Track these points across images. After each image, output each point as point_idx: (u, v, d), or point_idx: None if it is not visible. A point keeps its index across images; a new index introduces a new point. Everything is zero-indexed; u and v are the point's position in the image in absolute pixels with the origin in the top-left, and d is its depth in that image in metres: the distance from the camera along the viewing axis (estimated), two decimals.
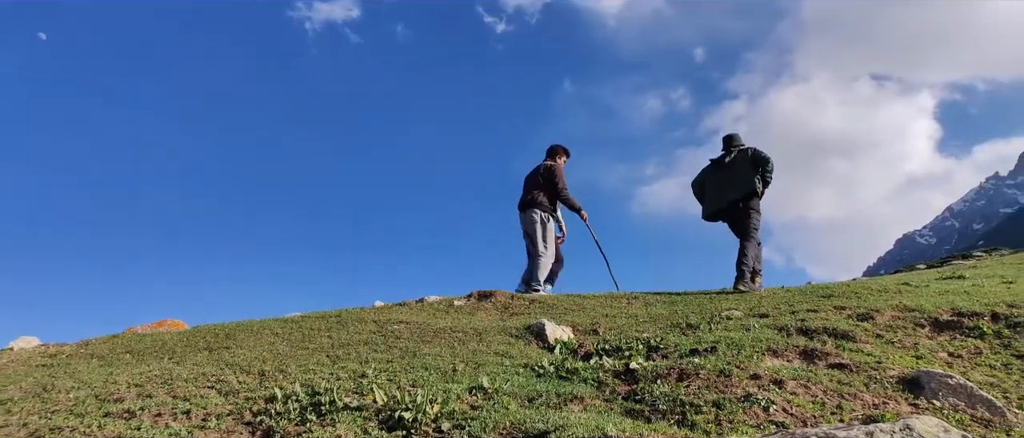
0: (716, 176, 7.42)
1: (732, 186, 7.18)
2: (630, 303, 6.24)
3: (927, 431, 1.25)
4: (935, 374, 3.00)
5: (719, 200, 7.28)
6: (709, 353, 3.66)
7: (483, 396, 3.01)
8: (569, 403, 2.86)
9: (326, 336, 5.03)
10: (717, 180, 7.38)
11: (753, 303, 5.52)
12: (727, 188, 7.19)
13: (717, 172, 7.43)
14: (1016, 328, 4.07)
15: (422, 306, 6.51)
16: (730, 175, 7.25)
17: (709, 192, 7.46)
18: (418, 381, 3.44)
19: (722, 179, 7.32)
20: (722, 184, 7.28)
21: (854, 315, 4.59)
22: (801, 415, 2.59)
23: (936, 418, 1.41)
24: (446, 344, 4.54)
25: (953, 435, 1.32)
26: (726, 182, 7.26)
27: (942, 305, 4.66)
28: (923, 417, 1.38)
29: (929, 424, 1.29)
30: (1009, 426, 2.63)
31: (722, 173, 7.33)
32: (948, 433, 1.31)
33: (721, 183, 7.31)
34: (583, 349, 4.32)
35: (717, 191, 7.31)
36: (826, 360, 3.51)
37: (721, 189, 7.26)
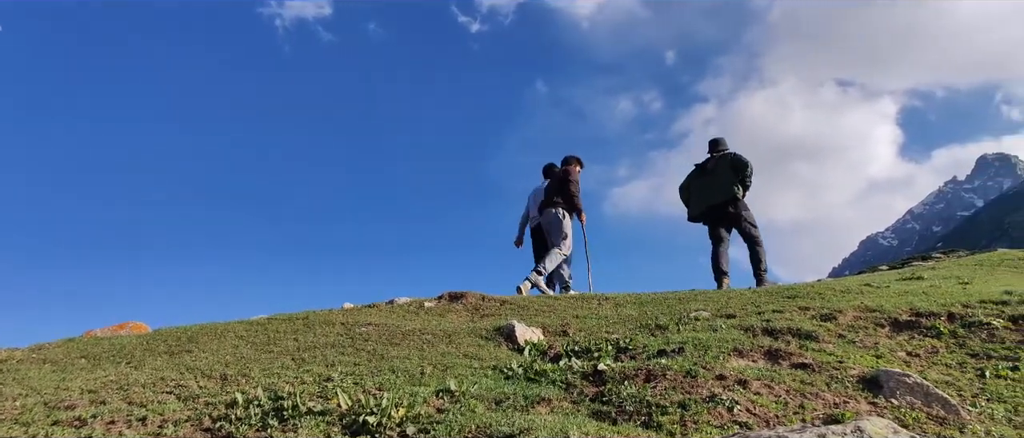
0: (700, 180, 7.86)
1: (714, 191, 7.62)
2: (600, 304, 6.27)
3: (876, 432, 1.27)
4: (894, 373, 3.07)
5: (701, 203, 7.74)
6: (676, 354, 3.69)
7: (450, 399, 2.98)
8: (536, 405, 2.85)
9: (292, 339, 4.94)
10: (700, 184, 7.83)
11: (721, 304, 5.59)
12: (709, 192, 7.65)
13: (701, 176, 7.87)
14: (971, 328, 4.20)
15: (392, 308, 6.44)
16: (712, 180, 7.70)
17: (693, 195, 7.90)
18: (385, 384, 3.39)
19: (705, 183, 7.76)
20: (705, 188, 7.73)
21: (818, 315, 4.68)
22: (764, 415, 2.62)
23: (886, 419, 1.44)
24: (415, 346, 4.49)
25: (902, 436, 1.35)
26: (708, 187, 7.70)
27: (901, 305, 4.78)
28: (873, 419, 1.41)
29: (879, 425, 1.32)
30: (962, 423, 2.71)
31: (705, 178, 7.79)
32: (897, 434, 1.34)
33: (704, 187, 7.75)
34: (553, 350, 4.31)
35: (700, 195, 7.76)
36: (790, 360, 3.56)
37: (704, 193, 7.71)
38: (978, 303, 4.65)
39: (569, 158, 8.54)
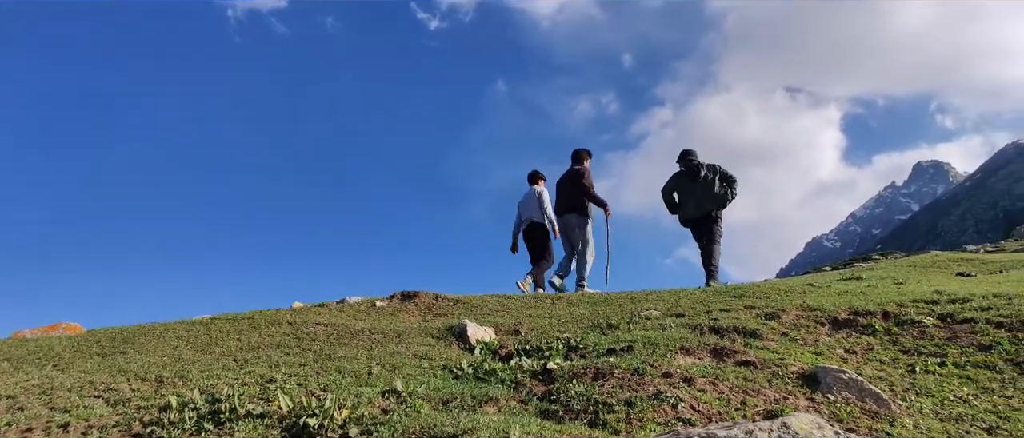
0: (691, 187, 8.38)
1: (708, 199, 8.26)
2: (554, 304, 6.29)
3: (801, 429, 1.30)
4: (831, 370, 3.18)
5: (697, 209, 8.33)
6: (625, 352, 3.73)
7: (396, 400, 2.92)
8: (484, 405, 2.82)
9: (235, 339, 4.77)
10: (694, 191, 8.37)
11: (671, 303, 5.69)
12: (705, 200, 8.28)
13: (692, 183, 8.38)
14: (903, 325, 4.39)
15: (342, 307, 6.31)
16: (706, 189, 8.28)
17: (686, 201, 8.45)
18: (330, 385, 3.30)
19: (699, 191, 8.32)
20: (700, 196, 8.32)
21: (762, 314, 4.81)
22: (707, 412, 2.66)
23: (811, 415, 1.48)
24: (364, 346, 4.40)
25: (826, 432, 1.38)
26: (704, 195, 8.29)
27: (841, 305, 4.96)
28: (800, 415, 1.44)
29: (805, 421, 1.35)
30: (893, 417, 2.82)
31: (698, 185, 8.32)
32: (821, 429, 1.38)
33: (698, 195, 8.33)
34: (504, 350, 4.29)
35: (696, 202, 8.34)
36: (734, 357, 3.64)
37: (700, 200, 8.32)
38: (911, 302, 4.87)
39: (579, 153, 8.65)
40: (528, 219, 8.39)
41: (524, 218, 8.50)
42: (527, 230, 8.42)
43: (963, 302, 4.71)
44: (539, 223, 8.29)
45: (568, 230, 8.28)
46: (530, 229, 8.38)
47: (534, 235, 8.34)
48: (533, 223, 8.35)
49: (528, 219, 8.39)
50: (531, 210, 8.38)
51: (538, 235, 8.31)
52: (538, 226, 8.30)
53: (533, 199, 8.40)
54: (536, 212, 8.32)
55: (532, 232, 8.36)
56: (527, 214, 8.45)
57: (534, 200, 8.38)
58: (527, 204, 8.51)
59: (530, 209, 8.40)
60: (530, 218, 8.38)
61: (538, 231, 8.30)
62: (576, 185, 8.32)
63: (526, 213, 8.47)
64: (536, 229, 8.33)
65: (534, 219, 8.34)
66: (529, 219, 8.39)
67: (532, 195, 8.44)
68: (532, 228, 8.36)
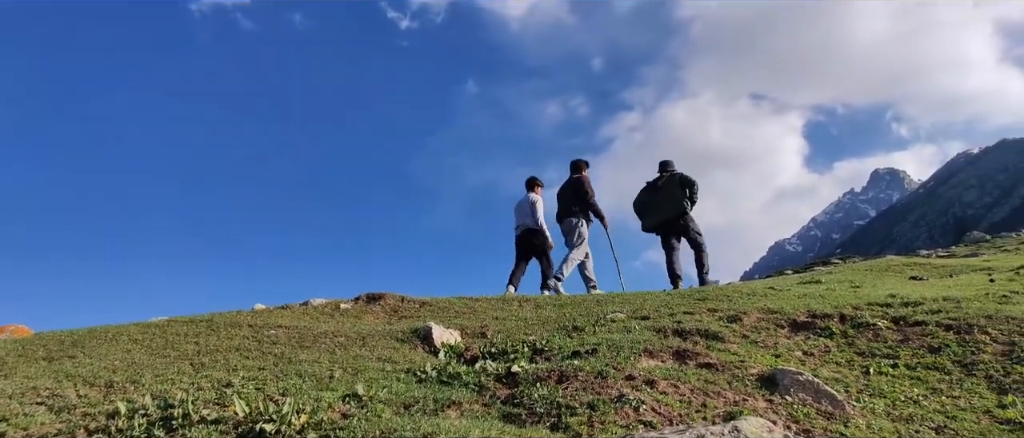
0: (652, 196, 8.83)
1: (666, 206, 8.63)
2: (521, 306, 6.29)
3: (752, 432, 1.32)
4: (789, 371, 3.25)
5: (655, 218, 8.75)
6: (590, 355, 3.74)
7: (357, 404, 2.87)
8: (447, 409, 2.79)
9: (192, 342, 4.63)
10: (653, 200, 8.80)
11: (636, 306, 5.74)
12: (662, 207, 8.66)
13: (653, 193, 8.84)
14: (859, 328, 4.52)
15: (305, 309, 6.18)
16: (664, 196, 8.69)
17: (647, 210, 8.89)
18: (289, 389, 3.22)
19: (657, 199, 8.75)
20: (657, 204, 8.73)
21: (725, 317, 4.89)
22: (668, 414, 2.69)
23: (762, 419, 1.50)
24: (326, 349, 4.32)
25: (776, 434, 1.41)
26: (661, 202, 8.69)
27: (800, 307, 5.08)
28: (750, 418, 1.46)
29: (755, 425, 1.37)
30: (847, 417, 2.89)
31: (657, 194, 8.77)
32: (772, 432, 1.40)
33: (656, 203, 8.74)
34: (470, 353, 4.27)
35: (655, 209, 8.76)
36: (696, 360, 3.69)
37: (656, 208, 8.73)
38: (866, 305, 5.01)
39: (578, 163, 9.01)
40: (523, 225, 8.69)
41: (519, 223, 8.78)
42: (522, 235, 8.68)
43: (915, 305, 4.87)
44: (533, 229, 8.55)
45: (568, 232, 8.61)
46: (526, 234, 8.64)
47: (528, 242, 8.60)
48: (528, 228, 8.60)
49: (523, 225, 8.69)
50: (525, 216, 8.68)
51: (533, 240, 8.55)
52: (533, 232, 8.56)
53: (527, 205, 8.70)
54: (529, 218, 8.59)
55: (526, 238, 8.62)
56: (521, 220, 8.75)
57: (528, 207, 8.68)
58: (521, 210, 8.81)
59: (524, 215, 8.70)
60: (524, 224, 8.66)
61: (533, 238, 8.55)
62: (577, 194, 8.68)
63: (520, 219, 8.77)
64: (530, 236, 8.58)
65: (528, 225, 8.61)
66: (524, 225, 8.67)
67: (526, 201, 8.74)
68: (526, 234, 8.62)
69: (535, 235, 8.47)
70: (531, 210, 8.53)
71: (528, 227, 8.54)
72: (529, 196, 8.71)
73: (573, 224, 8.53)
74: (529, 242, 8.52)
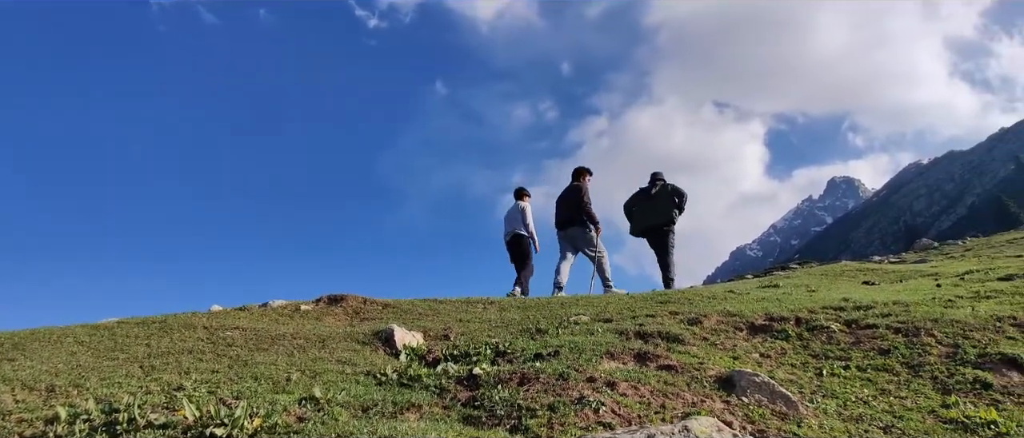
0: (645, 203, 9.43)
1: (656, 213, 9.26)
2: (486, 308, 6.26)
3: (702, 432, 1.34)
4: (746, 373, 3.31)
5: (644, 222, 9.39)
6: (552, 357, 3.75)
7: (314, 407, 2.80)
8: (406, 412, 2.75)
9: (143, 344, 4.46)
10: (645, 206, 9.40)
11: (600, 308, 5.78)
12: (652, 214, 9.29)
13: (646, 200, 9.44)
14: (814, 331, 4.64)
15: (264, 311, 6.03)
16: (655, 204, 9.31)
17: (638, 215, 9.51)
18: (244, 392, 3.13)
19: (649, 206, 9.35)
20: (649, 210, 9.34)
21: (686, 319, 4.96)
22: (627, 415, 2.70)
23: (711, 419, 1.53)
24: (284, 352, 4.22)
25: (725, 434, 1.43)
26: (652, 209, 9.30)
27: (758, 311, 5.19)
28: (700, 418, 1.48)
29: (705, 424, 1.39)
30: (800, 418, 2.96)
31: (649, 202, 9.37)
32: (721, 432, 1.42)
33: (648, 210, 9.35)
34: (432, 355, 4.22)
35: (645, 215, 9.38)
36: (657, 362, 3.73)
37: (648, 214, 9.34)
38: (821, 309, 5.15)
39: (580, 171, 9.35)
40: (511, 231, 9.15)
41: (508, 230, 9.23)
42: (511, 241, 9.14)
43: (867, 309, 5.03)
44: (521, 235, 9.06)
45: (572, 239, 8.97)
46: (514, 240, 9.10)
47: (517, 246, 9.08)
48: (516, 235, 9.09)
49: (511, 231, 9.15)
50: (514, 223, 9.18)
51: (521, 246, 9.05)
52: (520, 238, 9.05)
53: (516, 213, 9.22)
54: (519, 225, 9.12)
55: (515, 243, 9.09)
56: (510, 227, 9.22)
57: (517, 214, 9.20)
58: (511, 217, 9.30)
59: (513, 222, 9.20)
60: (513, 230, 9.13)
61: (521, 242, 9.06)
62: (577, 200, 9.04)
63: (509, 226, 9.24)
64: (519, 240, 9.07)
65: (517, 231, 9.10)
66: (512, 231, 9.14)
67: (516, 209, 9.25)
68: (515, 240, 9.09)
69: (522, 240, 9.01)
70: (520, 217, 9.10)
71: (516, 233, 9.05)
72: (518, 204, 9.26)
73: (577, 234, 8.89)
74: (517, 247, 9.04)
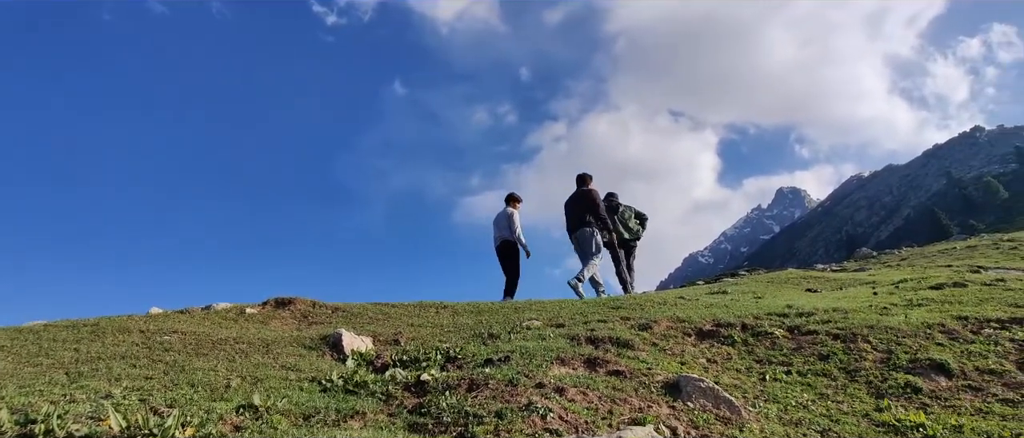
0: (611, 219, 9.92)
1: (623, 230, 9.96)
2: (438, 313, 6.20)
3: None
4: (691, 378, 3.36)
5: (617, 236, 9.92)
6: (503, 363, 3.72)
7: (253, 415, 2.69)
8: (349, 419, 2.67)
9: (71, 349, 4.21)
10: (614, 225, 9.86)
11: (553, 313, 5.79)
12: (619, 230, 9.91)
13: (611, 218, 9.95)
14: (758, 336, 4.76)
15: (207, 314, 5.80)
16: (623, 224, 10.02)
17: None
18: (178, 400, 2.98)
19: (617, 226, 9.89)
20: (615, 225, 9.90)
21: (636, 325, 5.02)
22: (575, 421, 2.70)
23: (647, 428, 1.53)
24: (225, 357, 4.06)
25: None
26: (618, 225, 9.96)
27: (706, 316, 5.30)
28: (635, 429, 1.49)
29: (640, 434, 1.40)
30: (743, 422, 3.02)
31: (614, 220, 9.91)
32: None
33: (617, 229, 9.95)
34: (380, 360, 4.14)
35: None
36: (606, 367, 3.75)
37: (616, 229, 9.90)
38: (766, 315, 5.30)
39: (585, 177, 9.58)
40: (501, 237, 9.29)
41: (497, 236, 9.36)
42: (500, 247, 9.29)
43: (808, 315, 5.19)
44: (509, 241, 9.18)
45: (582, 242, 9.17)
46: (503, 246, 9.24)
47: (506, 251, 9.22)
48: (505, 241, 9.21)
49: (501, 237, 9.29)
50: (502, 229, 9.29)
51: (509, 252, 9.21)
52: (509, 244, 9.19)
53: (504, 219, 9.32)
54: (506, 231, 9.23)
55: (504, 249, 9.24)
56: (499, 232, 9.34)
57: (504, 220, 9.30)
58: (499, 222, 9.40)
59: (501, 228, 9.30)
60: (502, 236, 9.26)
61: (510, 248, 9.21)
62: (588, 206, 9.28)
63: (499, 231, 9.35)
64: (507, 246, 9.21)
65: (505, 237, 9.22)
66: (501, 237, 9.27)
67: (504, 215, 9.35)
68: (504, 245, 9.23)
69: (511, 247, 9.18)
70: (507, 223, 9.21)
71: (505, 239, 9.18)
72: (507, 210, 9.39)
73: (588, 234, 9.11)
74: (506, 253, 9.16)
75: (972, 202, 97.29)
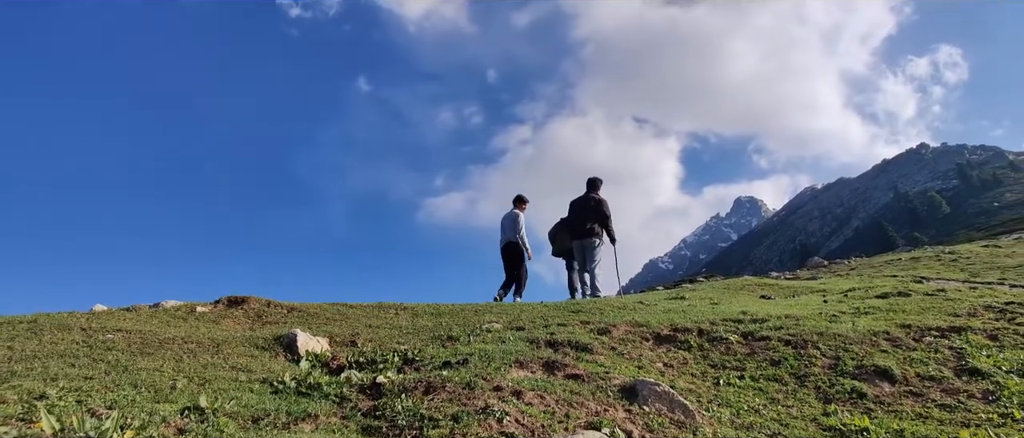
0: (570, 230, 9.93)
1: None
2: (397, 314, 6.11)
3: None
4: (648, 382, 3.39)
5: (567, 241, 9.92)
6: (461, 365, 3.69)
7: (198, 417, 2.59)
8: (300, 422, 2.60)
9: (5, 347, 3.98)
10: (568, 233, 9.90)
11: (513, 316, 5.78)
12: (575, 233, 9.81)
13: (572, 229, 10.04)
14: (714, 341, 4.86)
15: (155, 312, 5.58)
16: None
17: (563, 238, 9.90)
18: (119, 402, 2.85)
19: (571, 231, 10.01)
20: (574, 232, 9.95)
21: (595, 329, 5.05)
22: (531, 425, 2.69)
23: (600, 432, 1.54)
24: (172, 357, 3.90)
25: None
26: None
27: (664, 321, 5.38)
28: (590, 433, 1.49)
29: None
30: (696, 426, 3.07)
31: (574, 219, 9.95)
32: None
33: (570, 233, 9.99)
34: (336, 362, 4.05)
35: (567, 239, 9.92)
36: (564, 371, 3.76)
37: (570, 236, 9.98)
38: (721, 321, 5.41)
39: (596, 181, 9.61)
40: (505, 238, 9.47)
41: (503, 237, 9.55)
42: (505, 247, 9.47)
43: (762, 322, 5.32)
44: (513, 242, 9.36)
45: (586, 249, 9.29)
46: (508, 247, 9.42)
47: (510, 252, 9.39)
48: (510, 241, 9.39)
49: (505, 238, 9.47)
50: (507, 230, 9.48)
51: (513, 253, 9.37)
52: (513, 245, 9.36)
53: (508, 220, 9.54)
54: (511, 232, 9.43)
55: (509, 249, 9.41)
56: (505, 233, 9.54)
57: (509, 221, 9.53)
58: (505, 223, 9.59)
59: (507, 229, 9.50)
60: (507, 237, 9.44)
61: (513, 249, 9.37)
62: (598, 213, 9.36)
63: (505, 232, 9.55)
64: (512, 247, 9.39)
65: (510, 238, 9.41)
66: (506, 238, 9.46)
67: (510, 216, 9.58)
68: (509, 246, 9.41)
69: (515, 248, 9.34)
70: (512, 224, 9.43)
71: (510, 240, 9.38)
72: (513, 211, 9.61)
73: (593, 243, 9.27)
74: (510, 254, 9.32)
75: (917, 215, 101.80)
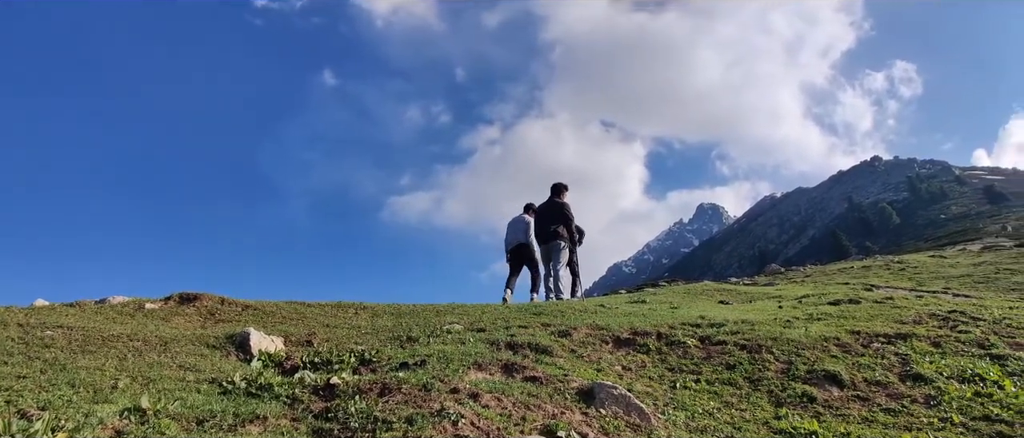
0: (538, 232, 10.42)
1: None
2: (357, 314, 6.01)
3: None
4: (605, 385, 3.40)
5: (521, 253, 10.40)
6: (419, 367, 3.63)
7: (138, 419, 2.48)
8: (248, 424, 2.51)
9: None
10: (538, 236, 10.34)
11: (475, 317, 5.75)
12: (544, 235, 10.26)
13: None
14: (672, 345, 4.91)
15: (100, 308, 5.35)
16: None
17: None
18: (53, 402, 2.71)
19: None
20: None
21: (556, 332, 5.06)
22: (486, 428, 2.66)
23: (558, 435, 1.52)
24: (116, 355, 3.74)
25: None
26: None
27: (624, 325, 5.42)
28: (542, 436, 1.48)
29: None
30: (652, 429, 3.09)
31: None
32: None
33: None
34: (290, 362, 3.95)
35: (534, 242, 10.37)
36: (523, 373, 3.74)
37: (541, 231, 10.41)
38: (680, 325, 5.48)
39: (560, 187, 10.16)
40: (516, 241, 10.10)
41: (512, 239, 10.15)
42: (515, 249, 10.09)
43: (719, 326, 5.41)
44: (525, 244, 10.05)
45: (553, 251, 9.74)
46: (518, 248, 10.05)
47: (520, 253, 10.05)
48: (520, 243, 10.04)
49: (516, 241, 10.10)
50: (519, 234, 10.13)
51: (527, 253, 10.07)
52: (525, 246, 10.06)
53: (522, 225, 10.20)
54: (523, 235, 10.08)
55: (519, 251, 10.06)
56: (515, 236, 10.13)
57: (523, 226, 10.18)
58: (515, 228, 10.22)
59: (518, 233, 10.14)
60: (518, 240, 10.08)
61: (526, 250, 10.07)
62: (560, 217, 9.87)
63: (515, 235, 10.15)
64: (523, 248, 10.04)
65: (520, 240, 10.06)
66: (517, 240, 10.09)
67: (523, 221, 10.24)
68: (519, 248, 10.06)
69: (526, 249, 10.02)
70: (526, 229, 10.11)
71: (521, 242, 10.03)
72: (524, 217, 10.32)
73: (559, 246, 9.74)
74: (522, 255, 10.04)
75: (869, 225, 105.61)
